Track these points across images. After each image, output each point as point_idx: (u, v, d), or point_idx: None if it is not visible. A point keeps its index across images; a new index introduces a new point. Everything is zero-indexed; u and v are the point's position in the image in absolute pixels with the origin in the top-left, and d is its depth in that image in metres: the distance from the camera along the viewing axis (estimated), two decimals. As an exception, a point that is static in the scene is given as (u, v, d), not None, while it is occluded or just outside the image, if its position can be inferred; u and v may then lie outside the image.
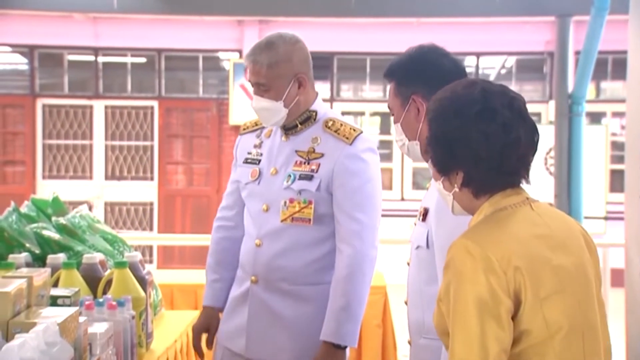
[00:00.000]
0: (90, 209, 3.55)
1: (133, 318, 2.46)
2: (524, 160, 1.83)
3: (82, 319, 2.03)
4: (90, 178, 10.60)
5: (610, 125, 10.08)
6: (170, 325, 3.10)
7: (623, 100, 5.53)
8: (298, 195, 2.70)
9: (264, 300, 2.76)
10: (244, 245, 2.84)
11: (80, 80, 10.71)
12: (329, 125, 2.74)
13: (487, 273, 1.69)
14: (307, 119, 2.77)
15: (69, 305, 2.17)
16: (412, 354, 2.30)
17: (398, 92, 2.28)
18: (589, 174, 8.50)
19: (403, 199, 10.42)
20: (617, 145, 10.12)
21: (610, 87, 10.79)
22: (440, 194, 1.93)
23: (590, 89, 9.56)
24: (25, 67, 10.68)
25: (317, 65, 2.80)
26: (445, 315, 1.75)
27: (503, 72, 10.81)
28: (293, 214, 2.70)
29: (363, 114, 10.81)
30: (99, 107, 10.57)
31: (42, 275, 2.12)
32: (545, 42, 10.14)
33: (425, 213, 2.21)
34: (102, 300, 2.37)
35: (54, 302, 2.19)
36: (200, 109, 10.58)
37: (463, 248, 1.73)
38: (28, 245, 2.98)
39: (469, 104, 1.81)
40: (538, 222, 1.80)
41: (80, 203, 3.91)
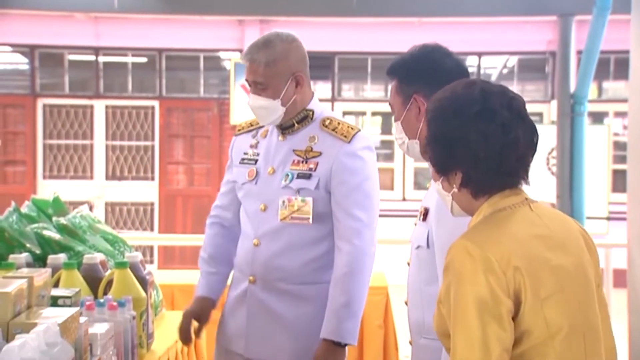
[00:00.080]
0: (91, 209, 3.55)
1: (134, 318, 2.46)
2: (523, 161, 1.83)
3: (82, 320, 2.03)
4: (91, 178, 10.60)
5: (613, 125, 10.07)
6: (171, 326, 3.09)
7: (625, 100, 5.52)
8: (296, 194, 2.69)
9: (262, 300, 2.75)
10: (241, 246, 2.83)
11: (81, 80, 10.71)
12: (327, 124, 2.74)
13: (486, 274, 1.68)
14: (304, 118, 2.76)
15: (70, 306, 2.17)
16: (412, 354, 2.30)
17: (400, 90, 2.29)
18: (591, 174, 8.49)
19: (404, 199, 10.42)
20: (619, 145, 10.11)
21: (613, 87, 10.78)
22: (440, 195, 1.92)
23: (593, 89, 9.56)
24: (26, 66, 10.69)
25: (318, 65, 2.81)
26: (446, 317, 1.75)
27: (505, 72, 10.80)
28: (292, 213, 2.70)
29: (364, 114, 10.81)
30: (100, 107, 10.57)
31: (42, 276, 2.12)
32: (547, 41, 10.13)
33: (426, 213, 2.21)
34: (102, 301, 2.37)
35: (55, 302, 2.19)
36: (201, 109, 10.59)
37: (462, 249, 1.73)
38: (29, 246, 2.98)
39: (468, 104, 1.80)
40: (537, 222, 1.80)
41: (81, 203, 3.91)
